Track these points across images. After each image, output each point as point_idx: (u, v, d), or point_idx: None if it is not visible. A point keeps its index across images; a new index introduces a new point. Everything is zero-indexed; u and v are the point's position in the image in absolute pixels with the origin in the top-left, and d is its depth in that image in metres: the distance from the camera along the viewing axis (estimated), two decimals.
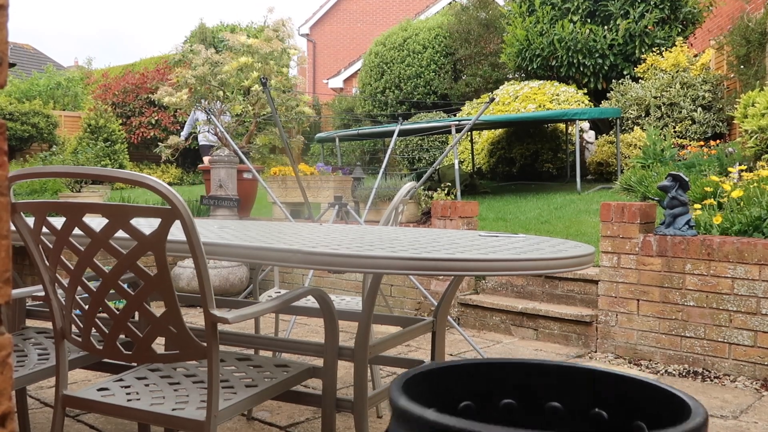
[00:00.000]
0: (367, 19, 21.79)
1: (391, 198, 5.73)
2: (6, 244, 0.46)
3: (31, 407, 2.86)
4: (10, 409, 0.46)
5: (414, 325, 2.30)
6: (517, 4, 10.76)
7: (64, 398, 1.73)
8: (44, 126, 13.80)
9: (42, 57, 24.57)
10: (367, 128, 10.30)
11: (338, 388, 2.00)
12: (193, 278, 5.24)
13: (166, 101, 7.62)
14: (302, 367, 1.93)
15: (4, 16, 0.44)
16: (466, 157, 10.31)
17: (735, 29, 7.82)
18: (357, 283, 5.20)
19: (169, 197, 1.49)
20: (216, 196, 5.80)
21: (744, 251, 3.43)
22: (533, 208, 6.75)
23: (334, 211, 4.40)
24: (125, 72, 16.10)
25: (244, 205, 6.69)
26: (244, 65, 7.33)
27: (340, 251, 1.59)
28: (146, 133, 14.27)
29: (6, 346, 0.46)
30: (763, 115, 5.57)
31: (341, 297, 3.18)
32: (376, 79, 13.54)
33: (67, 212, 1.57)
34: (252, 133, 8.09)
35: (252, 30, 16.76)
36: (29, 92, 16.10)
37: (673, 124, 8.56)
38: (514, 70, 11.16)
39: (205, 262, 1.55)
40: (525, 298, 4.53)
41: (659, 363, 3.71)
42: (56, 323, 1.74)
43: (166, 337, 1.65)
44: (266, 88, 3.92)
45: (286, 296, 1.81)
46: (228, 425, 2.71)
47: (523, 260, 1.59)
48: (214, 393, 1.57)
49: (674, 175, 3.62)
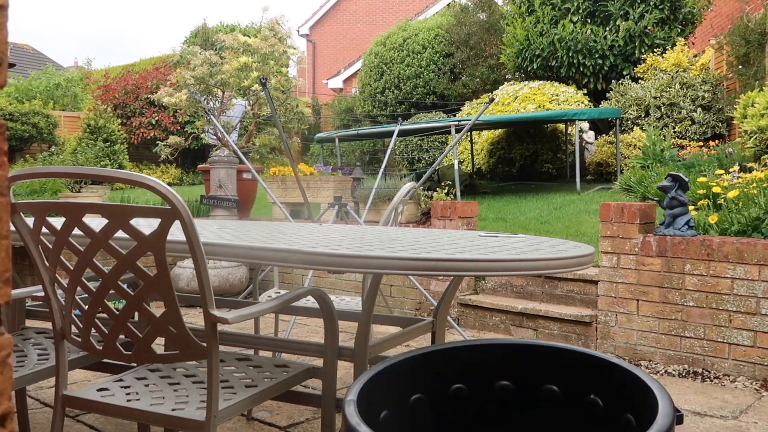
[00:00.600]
0: (367, 19, 21.79)
1: (390, 198, 5.73)
2: (6, 244, 0.46)
3: (31, 407, 2.86)
4: (10, 409, 0.46)
5: (414, 326, 2.30)
6: (516, 5, 10.76)
7: (64, 398, 1.73)
8: (44, 126, 13.80)
9: (42, 57, 24.57)
10: (366, 128, 10.30)
11: (338, 388, 2.00)
12: (192, 278, 5.24)
13: (166, 101, 7.63)
14: (302, 368, 1.93)
15: (4, 16, 0.44)
16: (466, 158, 10.31)
17: (734, 29, 7.82)
18: (357, 283, 5.20)
19: (168, 197, 1.49)
20: (216, 196, 5.80)
21: (744, 251, 3.43)
22: (533, 209, 6.76)
23: (333, 211, 4.40)
24: (125, 72, 16.09)
25: (244, 205, 6.69)
26: (244, 65, 7.34)
27: (340, 251, 1.59)
28: (146, 134, 14.27)
29: (6, 346, 0.46)
30: (763, 116, 5.57)
31: (341, 297, 3.18)
32: (376, 79, 13.54)
33: (67, 212, 1.57)
34: (252, 133, 8.09)
35: (252, 30, 16.77)
36: (29, 92, 16.10)
37: (672, 125, 8.56)
38: (513, 70, 11.16)
39: (205, 262, 1.55)
40: (525, 298, 4.53)
41: (659, 363, 3.71)
42: (56, 323, 1.74)
43: (166, 337, 1.65)
44: (266, 88, 3.92)
45: (286, 296, 1.81)
46: (228, 425, 2.71)
47: (522, 260, 1.59)
48: (214, 393, 1.57)
49: (674, 176, 3.62)
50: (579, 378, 1.27)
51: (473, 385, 1.31)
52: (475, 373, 1.31)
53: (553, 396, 1.29)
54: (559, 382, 1.29)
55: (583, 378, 1.26)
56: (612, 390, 1.23)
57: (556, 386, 1.29)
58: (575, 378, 1.27)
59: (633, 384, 1.17)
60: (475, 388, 1.31)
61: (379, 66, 13.49)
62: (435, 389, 1.30)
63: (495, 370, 1.31)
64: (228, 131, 8.47)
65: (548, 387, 1.29)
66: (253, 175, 4.76)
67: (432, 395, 1.29)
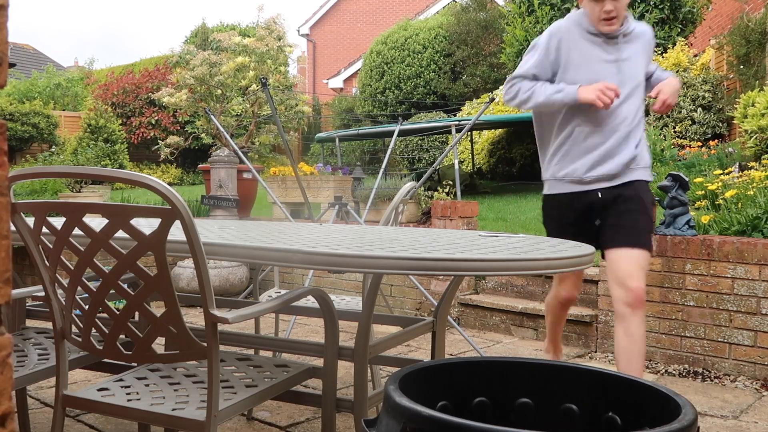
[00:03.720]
0: (367, 19, 21.78)
1: (391, 198, 5.73)
2: (6, 244, 0.46)
3: (31, 407, 2.86)
4: (10, 409, 0.46)
5: (414, 325, 2.29)
6: (516, 5, 10.75)
7: (64, 398, 1.73)
8: (44, 126, 13.80)
9: (42, 57, 24.56)
10: (367, 128, 10.30)
11: (338, 388, 2.00)
12: (193, 278, 5.24)
13: (166, 101, 7.64)
14: (302, 367, 1.93)
15: (4, 16, 0.44)
16: (466, 157, 10.31)
17: (735, 29, 7.81)
18: (357, 283, 5.20)
19: (169, 197, 1.49)
20: (216, 196, 5.80)
21: (744, 251, 3.43)
22: (533, 208, 6.75)
23: (334, 211, 4.40)
24: (125, 72, 16.09)
25: (244, 205, 6.69)
26: (242, 65, 7.34)
27: (340, 251, 1.59)
28: (146, 134, 14.27)
29: (6, 346, 0.46)
30: (763, 115, 5.56)
31: (341, 297, 3.18)
32: (376, 79, 13.53)
33: (67, 212, 1.57)
34: (252, 132, 8.09)
35: (253, 30, 16.77)
36: (29, 92, 16.09)
37: (672, 125, 8.55)
38: (513, 70, 11.15)
39: (205, 262, 1.55)
40: (525, 298, 4.53)
41: (659, 363, 3.71)
42: (56, 323, 1.74)
43: (166, 337, 1.65)
44: (265, 88, 3.92)
45: (286, 296, 1.81)
46: (228, 425, 2.71)
47: (523, 260, 1.59)
48: (214, 393, 1.57)
49: (674, 175, 3.61)
50: (598, 396, 1.30)
51: (495, 399, 1.35)
52: (498, 387, 1.35)
53: (572, 414, 1.31)
54: (578, 400, 1.32)
55: (603, 396, 1.29)
56: (630, 407, 1.25)
57: (575, 405, 1.32)
58: (594, 396, 1.30)
59: (653, 398, 1.20)
60: (497, 402, 1.35)
61: (379, 66, 13.49)
62: (460, 398, 1.33)
63: (516, 386, 1.35)
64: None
65: (567, 406, 1.32)
66: (254, 174, 4.77)
67: (456, 403, 1.32)
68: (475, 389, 1.33)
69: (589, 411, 1.29)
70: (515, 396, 1.33)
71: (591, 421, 1.29)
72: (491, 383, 1.33)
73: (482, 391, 1.33)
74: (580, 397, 1.30)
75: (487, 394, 1.33)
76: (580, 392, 1.30)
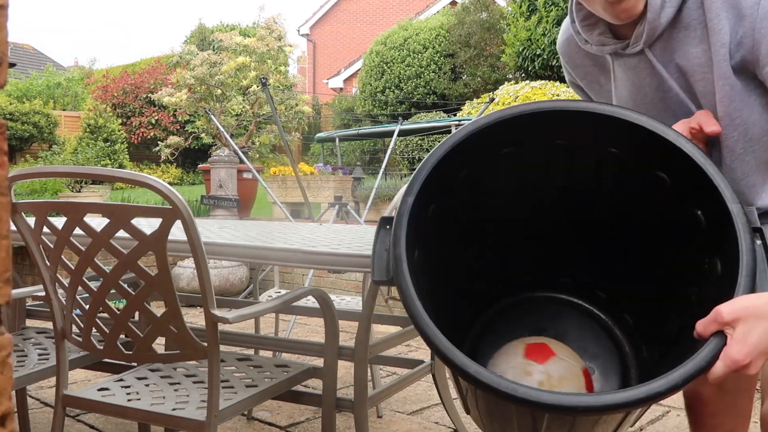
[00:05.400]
0: (367, 19, 21.78)
1: (391, 198, 5.73)
2: (6, 244, 0.46)
3: (31, 407, 2.86)
4: (10, 409, 0.46)
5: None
6: (517, 5, 10.75)
7: (64, 398, 1.73)
8: (44, 126, 13.80)
9: (42, 57, 24.56)
10: (367, 128, 10.31)
11: (338, 388, 2.00)
12: (193, 278, 5.24)
13: (166, 101, 7.64)
14: (302, 367, 1.93)
15: (3, 16, 0.44)
16: None
17: None
18: (357, 283, 5.20)
19: (169, 197, 1.48)
20: (216, 196, 5.80)
21: None
22: None
23: (334, 211, 4.40)
24: (125, 72, 16.09)
25: (244, 205, 6.69)
26: (242, 65, 7.35)
27: (340, 251, 1.59)
28: (146, 133, 14.26)
29: (6, 346, 0.46)
30: None
31: (341, 297, 3.18)
32: (376, 78, 13.53)
33: (68, 212, 1.57)
34: (252, 132, 8.10)
35: (253, 30, 16.78)
36: (29, 92, 16.10)
37: None
38: (514, 70, 11.14)
39: (206, 261, 1.55)
40: None
41: None
42: (56, 323, 1.74)
43: (167, 337, 1.65)
44: (265, 87, 3.92)
45: (286, 296, 1.81)
46: (228, 425, 2.71)
47: None
48: (215, 393, 1.57)
49: None
50: (647, 152, 1.14)
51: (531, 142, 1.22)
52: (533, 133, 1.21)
53: (616, 159, 1.18)
54: (624, 148, 1.17)
55: (653, 153, 1.14)
56: (682, 176, 1.11)
57: (617, 149, 1.18)
58: (643, 152, 1.15)
59: (704, 179, 1.06)
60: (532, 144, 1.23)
61: (379, 65, 13.49)
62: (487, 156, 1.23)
63: (552, 131, 1.20)
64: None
65: (612, 150, 1.18)
66: (254, 174, 4.77)
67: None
68: (500, 145, 1.22)
69: (636, 163, 1.16)
70: (551, 140, 1.20)
71: (638, 174, 1.16)
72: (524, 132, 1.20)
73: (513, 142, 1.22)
74: (627, 147, 1.16)
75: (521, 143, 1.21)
76: (627, 143, 1.15)
